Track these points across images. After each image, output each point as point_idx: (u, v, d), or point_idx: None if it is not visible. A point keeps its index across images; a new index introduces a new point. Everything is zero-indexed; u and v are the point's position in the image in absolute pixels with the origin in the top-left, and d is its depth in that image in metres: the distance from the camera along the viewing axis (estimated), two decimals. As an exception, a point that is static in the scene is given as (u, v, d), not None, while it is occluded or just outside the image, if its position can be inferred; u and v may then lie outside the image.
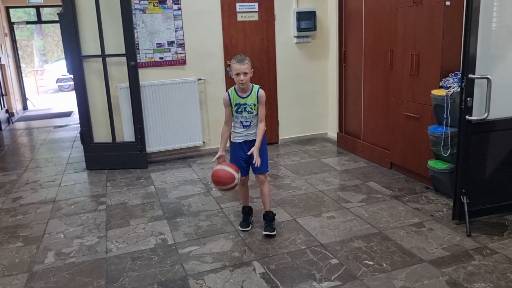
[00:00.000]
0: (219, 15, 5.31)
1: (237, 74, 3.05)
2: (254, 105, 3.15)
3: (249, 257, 2.94)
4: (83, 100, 4.97)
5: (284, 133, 5.94)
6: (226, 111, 3.26)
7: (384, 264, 2.78)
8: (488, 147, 3.22)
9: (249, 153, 3.12)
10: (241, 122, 3.21)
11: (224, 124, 3.29)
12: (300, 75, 5.83)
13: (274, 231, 3.23)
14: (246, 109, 3.16)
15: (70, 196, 4.27)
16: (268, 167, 3.34)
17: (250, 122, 3.19)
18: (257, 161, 3.10)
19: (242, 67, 3.03)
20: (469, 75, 2.98)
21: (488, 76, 2.98)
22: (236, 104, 3.18)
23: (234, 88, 3.20)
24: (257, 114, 3.18)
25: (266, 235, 3.21)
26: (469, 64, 2.97)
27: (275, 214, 3.38)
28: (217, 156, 3.20)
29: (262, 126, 3.17)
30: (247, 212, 3.45)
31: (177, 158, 5.44)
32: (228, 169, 3.05)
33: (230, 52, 5.43)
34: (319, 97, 5.99)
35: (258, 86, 3.21)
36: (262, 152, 3.20)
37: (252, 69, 3.16)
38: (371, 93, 4.98)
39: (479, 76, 2.98)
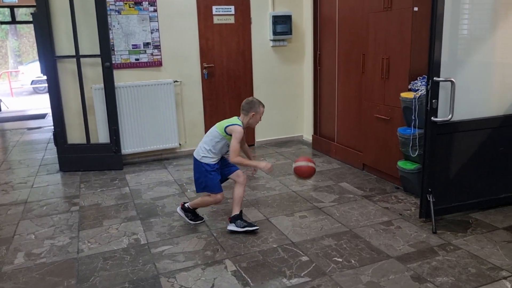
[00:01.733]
0: (195, 17, 5.34)
1: (260, 117, 3.35)
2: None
3: (221, 256, 2.98)
4: (56, 101, 4.93)
5: (260, 135, 6.01)
6: (238, 145, 3.26)
7: (353, 261, 2.86)
8: (453, 148, 3.34)
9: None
10: (227, 152, 3.32)
11: (236, 156, 3.23)
12: (276, 78, 5.91)
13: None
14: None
15: (42, 198, 4.23)
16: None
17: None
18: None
19: (262, 110, 3.35)
20: (434, 78, 3.10)
21: (452, 79, 3.10)
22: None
23: (242, 123, 3.30)
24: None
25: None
26: (434, 67, 3.09)
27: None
28: (268, 165, 3.24)
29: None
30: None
31: (153, 159, 5.44)
32: (309, 164, 3.26)
33: (206, 55, 5.47)
34: (295, 100, 6.08)
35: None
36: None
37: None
38: (345, 96, 5.09)
39: (443, 79, 3.10)
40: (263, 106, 3.35)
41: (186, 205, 3.50)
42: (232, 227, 3.30)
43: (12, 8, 11.16)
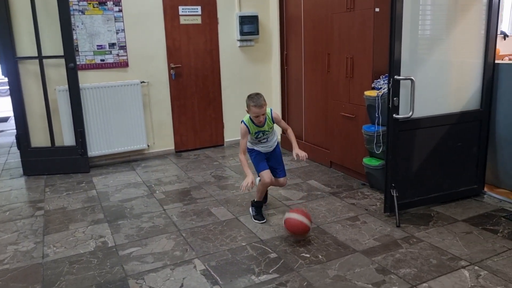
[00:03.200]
0: (162, 17, 5.31)
1: (257, 116, 3.23)
2: (271, 127, 3.42)
3: (190, 256, 2.98)
4: (18, 103, 4.79)
5: (229, 135, 6.02)
6: (243, 141, 3.35)
7: (320, 256, 2.92)
8: (414, 144, 3.46)
9: (295, 156, 3.37)
10: (260, 141, 3.43)
11: (241, 153, 3.35)
12: (244, 78, 5.94)
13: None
14: (265, 133, 3.40)
15: (5, 203, 4.10)
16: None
17: (267, 138, 3.44)
18: (301, 154, 3.34)
19: (260, 110, 3.21)
20: (395, 76, 3.20)
21: (412, 78, 3.21)
22: (255, 132, 3.37)
23: (250, 118, 3.30)
24: (272, 131, 3.45)
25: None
26: (395, 66, 3.20)
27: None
28: (249, 181, 3.14)
29: (290, 131, 3.52)
30: (262, 205, 3.63)
31: (121, 161, 5.37)
32: (302, 219, 3.05)
33: (173, 55, 5.45)
34: (263, 99, 6.12)
35: (270, 109, 3.36)
36: (282, 158, 3.58)
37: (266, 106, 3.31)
38: (311, 95, 5.18)
39: (403, 78, 3.21)
40: (256, 106, 3.18)
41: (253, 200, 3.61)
42: (250, 209, 3.62)
43: (-30, 7, 10.71)
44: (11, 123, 8.35)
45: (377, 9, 3.88)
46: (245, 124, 3.33)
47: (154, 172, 4.92)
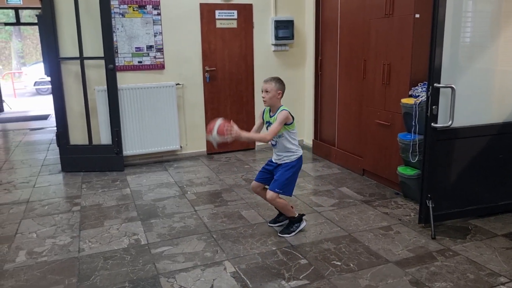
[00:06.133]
0: (198, 21, 5.39)
1: (262, 91, 3.21)
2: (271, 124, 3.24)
3: (220, 257, 3.00)
4: (60, 102, 4.97)
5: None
6: (257, 122, 3.38)
7: (351, 265, 2.88)
8: (453, 154, 3.36)
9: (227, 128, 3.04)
10: (270, 141, 3.30)
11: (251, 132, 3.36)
12: (278, 83, 5.93)
13: (287, 234, 3.32)
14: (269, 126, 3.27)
15: (44, 197, 4.25)
16: (290, 192, 3.31)
17: (276, 142, 3.28)
18: (229, 130, 3.01)
19: (265, 85, 3.20)
20: (435, 84, 3.13)
21: (452, 86, 3.13)
22: (266, 122, 3.31)
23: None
24: (280, 135, 3.23)
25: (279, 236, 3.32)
26: (435, 73, 3.12)
27: (295, 218, 3.37)
28: (234, 128, 3.07)
29: (262, 135, 3.25)
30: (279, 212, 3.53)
31: (154, 161, 5.47)
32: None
33: (208, 58, 5.52)
34: (296, 104, 6.09)
35: (284, 107, 3.23)
36: (283, 173, 3.27)
37: (280, 91, 3.21)
38: (345, 102, 5.12)
39: (443, 85, 3.13)
40: (264, 81, 3.21)
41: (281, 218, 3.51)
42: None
43: (16, 9, 11.25)
44: (51, 120, 8.67)
45: (417, 15, 3.80)
46: (264, 108, 3.33)
47: (186, 173, 4.98)
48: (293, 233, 3.32)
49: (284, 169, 3.28)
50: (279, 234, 3.33)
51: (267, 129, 3.26)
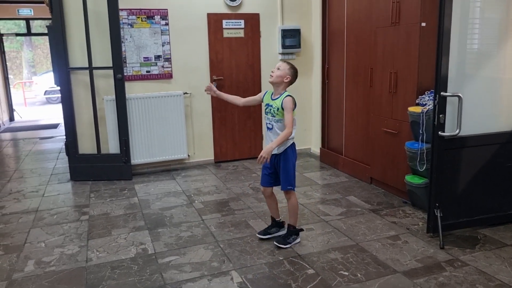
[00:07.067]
0: (206, 31, 5.44)
1: (272, 71, 3.21)
2: (278, 109, 3.15)
3: (227, 267, 3.00)
4: (69, 111, 5.03)
5: (269, 147, 6.02)
6: (253, 97, 3.51)
7: (359, 275, 2.86)
8: (461, 163, 3.34)
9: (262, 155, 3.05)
10: (266, 124, 3.29)
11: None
12: (285, 91, 5.95)
13: (283, 245, 3.27)
14: (271, 111, 3.21)
15: (53, 206, 4.29)
16: (292, 185, 3.26)
17: (272, 126, 3.22)
18: (260, 159, 3.02)
19: (279, 64, 3.21)
20: (441, 93, 3.12)
21: (459, 94, 3.11)
22: (266, 105, 3.27)
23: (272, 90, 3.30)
24: (279, 120, 3.17)
25: (276, 246, 3.28)
26: (441, 82, 3.11)
27: (295, 229, 3.35)
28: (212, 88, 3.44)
29: (284, 131, 3.10)
30: (271, 222, 3.52)
31: (162, 170, 5.50)
32: None
33: (216, 67, 5.55)
34: (303, 113, 6.11)
35: (288, 93, 3.19)
36: (285, 168, 3.23)
37: (288, 77, 3.18)
38: (353, 110, 5.11)
39: (450, 94, 3.12)
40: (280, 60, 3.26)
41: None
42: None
43: (27, 20, 11.44)
44: (61, 129, 8.76)
45: (423, 24, 3.80)
46: (266, 91, 3.34)
47: (193, 182, 5.00)
48: (289, 245, 3.27)
49: (284, 163, 3.22)
50: (274, 242, 3.29)
51: (265, 112, 3.26)
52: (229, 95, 3.58)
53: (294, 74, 3.22)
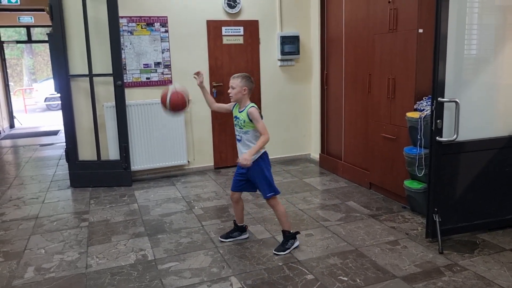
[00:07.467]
0: (205, 37, 5.47)
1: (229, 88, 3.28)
2: (244, 121, 3.23)
3: (227, 273, 3.00)
4: (69, 118, 5.05)
5: (268, 153, 6.02)
6: (226, 104, 3.58)
7: (358, 280, 2.87)
8: (459, 168, 3.36)
9: (238, 160, 3.20)
10: (236, 135, 3.36)
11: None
12: (284, 97, 5.99)
13: (282, 251, 3.28)
14: (239, 123, 3.28)
15: (53, 213, 4.30)
16: (274, 191, 3.31)
17: (241, 138, 3.29)
18: (241, 162, 3.11)
19: (231, 81, 3.26)
20: (439, 99, 3.14)
21: (456, 100, 3.14)
22: (234, 117, 3.35)
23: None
24: (247, 132, 3.25)
25: (274, 254, 3.28)
26: (438, 88, 3.14)
27: (291, 234, 3.35)
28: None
29: (262, 138, 3.18)
30: (233, 226, 3.56)
31: (162, 176, 5.51)
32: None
33: (215, 74, 5.58)
34: (302, 118, 6.14)
35: (252, 104, 3.26)
36: (259, 177, 3.28)
37: (245, 88, 3.23)
38: (351, 115, 5.14)
39: (447, 100, 3.14)
40: (231, 77, 3.31)
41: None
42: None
43: (28, 28, 11.51)
44: (61, 136, 8.78)
45: (420, 30, 3.83)
46: (236, 103, 3.35)
47: (193, 188, 5.01)
48: (288, 251, 3.28)
49: (258, 172, 3.27)
50: (273, 251, 3.29)
51: (234, 124, 3.35)
52: (209, 95, 3.60)
53: (247, 82, 3.26)
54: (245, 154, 3.12)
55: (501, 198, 3.52)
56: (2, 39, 10.63)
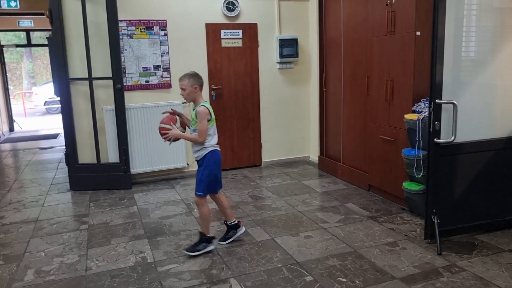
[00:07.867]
0: (204, 41, 5.50)
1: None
2: (193, 119, 3.30)
3: (226, 275, 3.01)
4: (69, 121, 5.06)
5: (267, 156, 6.07)
6: None
7: (357, 281, 2.88)
8: (457, 169, 3.37)
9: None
10: (190, 132, 3.41)
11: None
12: (283, 100, 6.01)
13: (192, 252, 3.30)
14: (192, 121, 3.36)
15: (52, 216, 4.31)
16: (202, 191, 3.31)
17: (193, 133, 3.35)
18: (169, 133, 3.28)
19: (180, 83, 3.29)
20: (436, 100, 3.16)
21: (454, 102, 3.16)
22: (192, 116, 3.38)
23: None
24: (195, 129, 3.31)
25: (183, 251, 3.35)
26: (436, 89, 3.16)
27: (206, 237, 3.37)
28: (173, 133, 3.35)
29: (195, 135, 3.30)
30: (226, 227, 3.60)
31: (161, 179, 5.52)
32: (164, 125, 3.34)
33: (214, 77, 5.61)
34: (301, 121, 6.16)
35: (203, 103, 3.27)
36: (198, 172, 3.36)
37: (195, 86, 3.24)
38: (350, 118, 5.16)
39: (445, 101, 3.16)
40: (179, 80, 3.30)
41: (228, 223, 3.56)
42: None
43: (28, 31, 11.53)
44: (60, 139, 8.79)
45: (418, 33, 3.86)
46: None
47: (192, 190, 4.98)
48: (198, 252, 3.29)
49: (202, 170, 3.34)
50: (183, 250, 3.34)
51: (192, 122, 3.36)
52: (186, 134, 3.45)
53: (195, 79, 3.26)
54: (175, 130, 3.27)
55: (499, 199, 3.54)
56: (2, 43, 10.65)
